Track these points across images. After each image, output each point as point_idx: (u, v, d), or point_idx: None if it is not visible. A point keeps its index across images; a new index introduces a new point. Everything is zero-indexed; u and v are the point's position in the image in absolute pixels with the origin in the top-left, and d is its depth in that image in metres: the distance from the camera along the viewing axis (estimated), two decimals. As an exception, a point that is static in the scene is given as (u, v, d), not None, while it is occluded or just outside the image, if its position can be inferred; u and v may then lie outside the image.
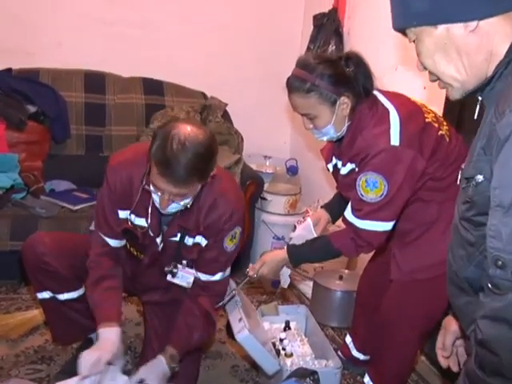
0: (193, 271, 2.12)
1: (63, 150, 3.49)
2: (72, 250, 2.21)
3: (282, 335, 2.41)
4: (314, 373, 1.91)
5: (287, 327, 2.48)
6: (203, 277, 2.13)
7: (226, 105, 3.75)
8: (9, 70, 3.44)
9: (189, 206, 1.95)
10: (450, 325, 1.44)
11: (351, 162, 1.97)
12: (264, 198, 3.54)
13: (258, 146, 3.92)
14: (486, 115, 1.16)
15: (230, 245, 2.09)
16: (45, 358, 2.50)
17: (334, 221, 2.39)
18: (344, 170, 2.03)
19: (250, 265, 2.26)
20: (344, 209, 2.30)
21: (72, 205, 3.11)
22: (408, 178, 1.87)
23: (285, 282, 2.31)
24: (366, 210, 1.92)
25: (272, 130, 4.06)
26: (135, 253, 2.20)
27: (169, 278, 2.13)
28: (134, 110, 3.62)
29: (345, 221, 2.02)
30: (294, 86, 1.94)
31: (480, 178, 1.12)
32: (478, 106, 1.21)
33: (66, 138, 3.48)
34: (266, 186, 3.53)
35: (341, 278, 2.97)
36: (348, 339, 2.56)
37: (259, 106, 3.97)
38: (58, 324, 2.34)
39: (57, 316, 2.31)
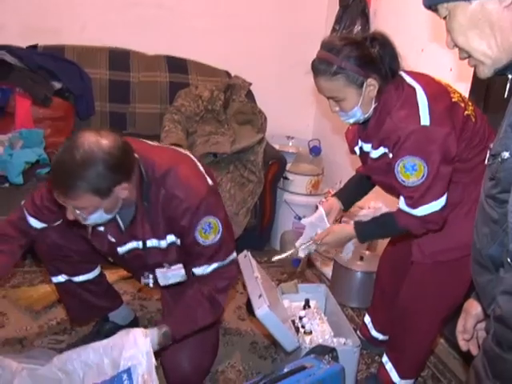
0: (180, 265, 2.07)
1: (87, 127, 3.50)
2: (79, 236, 2.17)
3: (302, 313, 2.42)
4: (332, 350, 1.92)
5: (307, 305, 2.49)
6: (196, 271, 2.03)
7: (250, 84, 3.74)
8: (35, 46, 3.47)
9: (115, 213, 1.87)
10: (472, 307, 1.42)
11: (384, 146, 1.94)
12: (286, 178, 3.54)
13: (281, 126, 3.91)
14: None
15: (207, 238, 1.96)
16: (67, 329, 2.56)
17: (346, 209, 2.33)
18: (375, 154, 1.99)
19: (318, 230, 2.20)
20: (359, 195, 2.32)
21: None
22: (444, 155, 1.83)
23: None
24: (415, 198, 1.88)
25: (296, 111, 4.04)
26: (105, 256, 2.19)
27: (162, 283, 2.10)
28: (158, 88, 3.63)
29: (402, 212, 1.95)
30: (320, 69, 1.90)
31: (506, 154, 1.11)
32: (508, 84, 1.20)
33: (90, 114, 3.51)
34: (288, 166, 3.52)
35: (361, 258, 2.96)
36: (367, 319, 2.56)
37: (283, 86, 3.95)
38: (74, 305, 2.38)
39: (72, 298, 2.34)
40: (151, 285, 2.16)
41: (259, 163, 3.32)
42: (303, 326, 2.32)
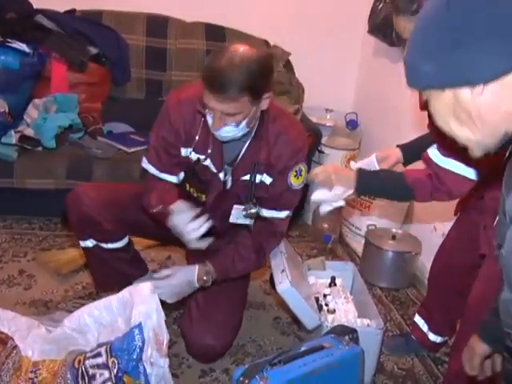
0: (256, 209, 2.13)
1: (123, 93, 3.50)
2: (116, 202, 2.18)
3: (327, 291, 2.36)
4: (353, 331, 1.86)
5: (333, 283, 2.43)
6: (267, 212, 2.11)
7: (289, 54, 3.64)
8: (72, 11, 3.45)
9: (244, 133, 1.92)
10: (477, 346, 1.39)
11: None
12: (322, 152, 3.45)
13: (319, 98, 3.81)
14: None
15: (295, 182, 2.07)
16: (92, 294, 2.57)
17: (406, 163, 2.20)
18: None
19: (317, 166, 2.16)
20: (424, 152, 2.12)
21: (128, 147, 3.12)
22: None
23: (322, 207, 2.01)
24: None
25: (335, 83, 3.91)
26: (196, 194, 2.17)
27: (232, 219, 2.14)
28: (195, 56, 3.57)
29: (425, 157, 1.84)
30: (401, 6, 1.81)
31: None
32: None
33: (126, 81, 3.48)
34: (324, 140, 3.44)
35: (394, 237, 2.88)
36: (420, 322, 2.36)
37: (323, 57, 3.82)
38: (100, 271, 2.37)
39: (99, 263, 2.32)
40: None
41: (294, 135, 3.24)
42: (327, 304, 2.27)
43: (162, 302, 1.89)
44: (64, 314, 2.23)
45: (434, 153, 1.82)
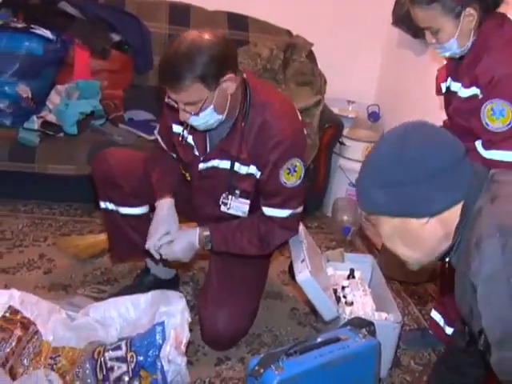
0: (247, 201, 2.08)
1: (145, 81, 3.50)
2: (139, 169, 2.25)
3: (345, 283, 2.35)
4: (370, 324, 1.84)
5: (351, 275, 2.42)
6: (267, 211, 2.06)
7: (312, 45, 3.61)
8: (96, -2, 3.46)
9: (220, 120, 1.90)
10: None
11: (476, 86, 1.82)
12: (342, 143, 3.43)
13: (342, 90, 3.76)
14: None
15: (288, 179, 1.97)
16: (110, 279, 2.59)
17: None
18: (464, 93, 1.87)
19: None
20: None
21: (148, 135, 3.13)
22: None
23: None
24: (493, 140, 1.77)
25: (358, 75, 3.88)
26: (183, 171, 2.20)
27: (223, 208, 2.11)
28: (217, 45, 3.56)
29: (474, 153, 1.82)
30: None
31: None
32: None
33: (148, 68, 3.49)
34: (345, 131, 3.42)
35: (414, 231, 2.85)
36: (437, 317, 2.34)
37: (346, 48, 3.81)
38: (116, 237, 2.39)
39: (116, 229, 2.35)
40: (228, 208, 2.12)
41: (315, 126, 3.22)
42: (345, 296, 2.26)
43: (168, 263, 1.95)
44: (83, 299, 2.27)
45: (480, 149, 1.80)
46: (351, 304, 2.22)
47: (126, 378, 1.79)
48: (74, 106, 3.04)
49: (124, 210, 2.29)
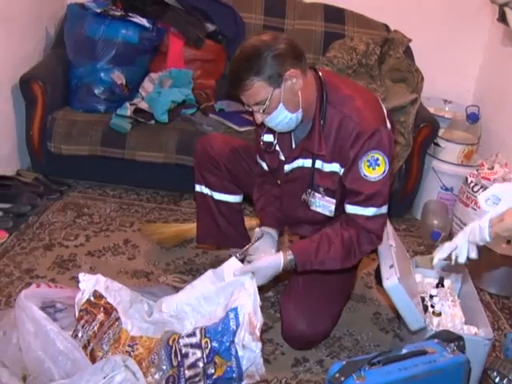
0: (333, 200, 2.04)
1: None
2: (240, 158, 2.33)
3: (433, 292, 2.22)
4: (459, 338, 1.73)
5: (440, 284, 2.29)
6: (350, 208, 1.99)
7: (410, 40, 3.48)
8: (192, -13, 3.46)
9: (297, 119, 1.92)
10: None
11: None
12: (437, 144, 3.28)
13: (438, 88, 3.64)
14: None
15: (370, 173, 1.91)
16: (192, 269, 2.59)
17: None
18: None
19: None
20: None
21: (238, 126, 3.10)
22: None
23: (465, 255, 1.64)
24: None
25: (456, 73, 3.72)
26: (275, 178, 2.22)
27: (309, 206, 2.08)
28: (313, 37, 3.50)
29: None
30: None
31: None
32: None
33: (241, 59, 3.47)
34: (441, 132, 3.26)
35: (509, 242, 2.68)
36: None
37: (445, 46, 3.64)
38: (205, 222, 2.44)
39: (206, 213, 2.41)
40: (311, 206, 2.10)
41: (409, 125, 3.09)
42: (433, 306, 2.14)
43: None
44: (163, 288, 2.28)
45: None
46: (439, 315, 2.10)
47: (201, 364, 1.77)
48: (167, 95, 3.06)
49: (218, 196, 2.35)
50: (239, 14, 3.43)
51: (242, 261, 2.00)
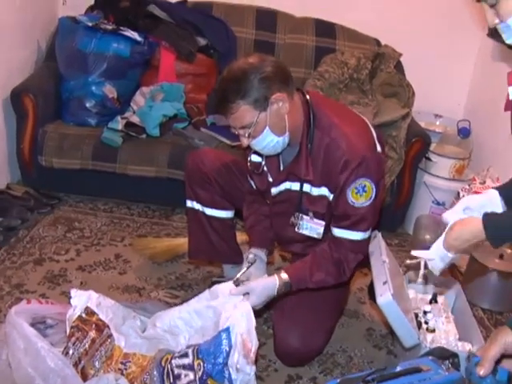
0: (322, 222, 2.04)
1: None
2: (231, 173, 2.30)
3: (427, 308, 2.22)
4: (454, 355, 1.72)
5: (434, 300, 2.29)
6: (338, 232, 2.00)
7: (401, 55, 3.50)
8: (184, 1, 3.49)
9: (283, 143, 1.92)
10: (501, 334, 1.30)
11: None
12: (429, 159, 3.28)
13: (429, 103, 3.65)
14: None
15: (357, 199, 1.91)
16: (184, 285, 2.57)
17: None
18: None
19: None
20: None
21: (230, 140, 3.09)
22: None
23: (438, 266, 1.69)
24: None
25: (447, 88, 3.73)
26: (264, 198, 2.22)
27: (296, 229, 2.08)
28: (304, 51, 3.51)
29: None
30: None
31: None
32: None
33: (232, 73, 3.47)
34: (432, 147, 3.27)
35: (501, 256, 2.68)
36: None
37: (436, 60, 3.66)
38: (197, 238, 2.41)
39: (197, 228, 2.38)
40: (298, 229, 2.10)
41: (401, 140, 3.10)
42: (426, 322, 2.13)
43: None
44: (155, 304, 2.26)
45: None
46: (433, 331, 2.09)
47: (194, 387, 1.75)
48: (158, 109, 3.06)
49: (210, 212, 2.32)
50: (231, 28, 3.44)
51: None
